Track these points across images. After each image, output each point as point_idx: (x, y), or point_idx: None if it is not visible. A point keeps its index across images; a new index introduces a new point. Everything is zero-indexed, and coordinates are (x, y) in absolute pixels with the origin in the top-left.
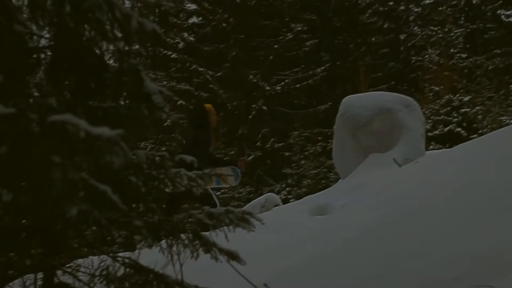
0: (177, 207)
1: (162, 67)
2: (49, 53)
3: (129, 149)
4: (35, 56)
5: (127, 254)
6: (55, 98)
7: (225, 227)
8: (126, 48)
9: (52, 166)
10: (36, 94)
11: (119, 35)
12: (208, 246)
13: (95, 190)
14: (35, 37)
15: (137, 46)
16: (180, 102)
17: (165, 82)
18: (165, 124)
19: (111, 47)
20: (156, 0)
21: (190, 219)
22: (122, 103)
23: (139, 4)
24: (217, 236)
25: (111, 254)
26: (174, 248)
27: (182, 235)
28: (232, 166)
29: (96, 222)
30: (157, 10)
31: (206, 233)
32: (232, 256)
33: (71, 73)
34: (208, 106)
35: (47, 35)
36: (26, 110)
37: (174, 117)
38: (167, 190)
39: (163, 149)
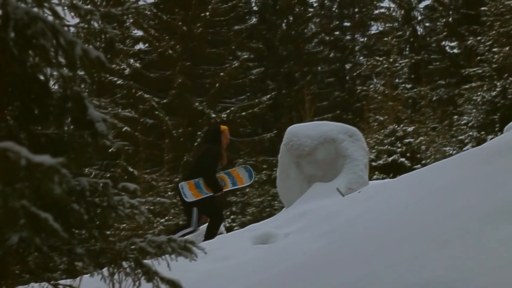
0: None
1: (107, 93)
2: None
3: (72, 176)
4: None
5: (68, 281)
6: None
7: (167, 256)
8: (71, 74)
9: None
10: None
11: (64, 61)
12: (150, 275)
13: (36, 218)
14: None
15: (82, 73)
16: (125, 128)
17: (110, 109)
18: (110, 150)
19: (55, 73)
20: (101, 27)
21: (133, 247)
22: (66, 130)
23: (84, 31)
24: (159, 265)
25: (52, 282)
26: (116, 276)
27: (124, 263)
28: (244, 165)
29: (38, 249)
30: (102, 37)
31: (148, 262)
32: (174, 285)
33: (14, 99)
34: (223, 127)
35: None
36: None
37: (118, 145)
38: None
39: (108, 175)
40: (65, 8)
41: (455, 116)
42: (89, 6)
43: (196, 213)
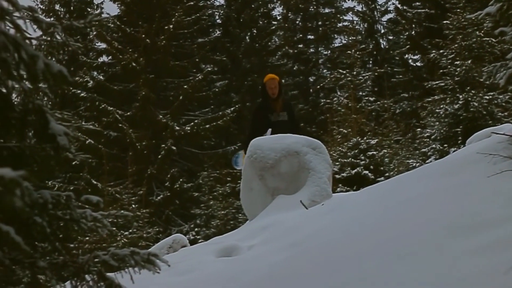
0: None
1: (71, 106)
2: None
3: (34, 189)
4: None
5: None
6: None
7: (130, 269)
8: (32, 88)
9: None
10: None
11: (25, 75)
12: None
13: None
14: None
15: (44, 85)
16: (88, 141)
17: (73, 122)
18: (73, 163)
19: (17, 86)
20: (64, 40)
21: (96, 260)
22: (28, 143)
23: (46, 44)
24: (122, 278)
25: None
26: None
27: (87, 276)
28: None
29: (0, 262)
30: (65, 49)
31: (112, 275)
32: None
33: None
34: (266, 78)
35: None
36: None
37: (82, 157)
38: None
39: (71, 188)
40: (27, 21)
41: (418, 129)
42: (51, 19)
43: None
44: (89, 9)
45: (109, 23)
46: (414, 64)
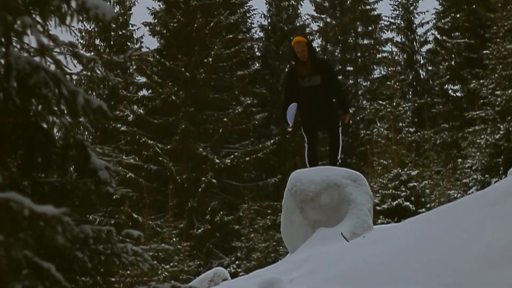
0: None
1: (111, 140)
2: None
3: (76, 224)
4: None
5: None
6: (0, 173)
7: None
8: (73, 122)
9: None
10: None
11: (66, 110)
12: None
13: (39, 268)
14: None
15: (84, 120)
16: (129, 175)
17: (114, 155)
18: (114, 197)
19: (58, 121)
20: (104, 75)
21: None
22: (69, 177)
23: (86, 79)
24: None
25: None
26: None
27: None
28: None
29: None
30: (105, 84)
31: None
32: None
33: (17, 147)
34: (293, 40)
35: None
36: None
37: (122, 191)
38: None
39: (112, 222)
40: (68, 56)
41: (459, 159)
42: (91, 54)
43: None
44: (129, 43)
45: (148, 57)
46: (454, 95)
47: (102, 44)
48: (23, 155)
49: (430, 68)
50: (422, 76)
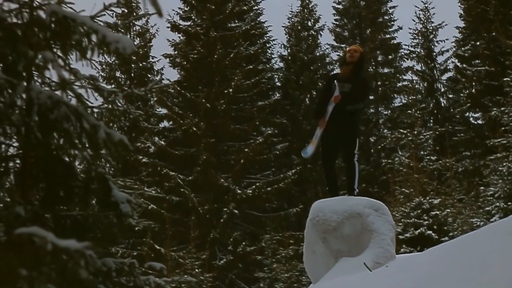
0: None
1: (133, 172)
2: (17, 162)
3: (98, 257)
4: (3, 164)
5: None
6: (22, 207)
7: None
8: (94, 155)
9: (19, 278)
10: (7, 199)
11: (87, 144)
12: None
13: None
14: (3, 146)
15: (105, 152)
16: (151, 207)
17: (136, 187)
18: (136, 229)
19: (79, 154)
20: (125, 108)
21: None
22: (91, 211)
23: (107, 112)
24: None
25: None
26: None
27: None
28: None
29: None
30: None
31: None
32: None
33: (39, 181)
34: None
35: (16, 144)
36: None
37: (144, 224)
38: None
39: (134, 253)
40: (89, 89)
41: (481, 187)
42: (112, 86)
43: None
44: (149, 75)
45: (169, 88)
46: (476, 122)
47: (123, 76)
48: (45, 189)
49: (450, 96)
50: (442, 104)
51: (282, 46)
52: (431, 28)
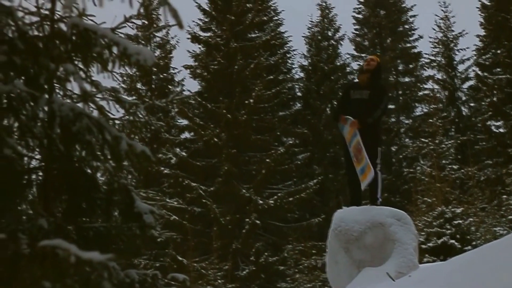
0: None
1: (155, 183)
2: (40, 174)
3: (121, 269)
4: (26, 177)
5: None
6: (45, 219)
7: None
8: (116, 167)
9: None
10: (29, 211)
11: (109, 156)
12: None
13: None
14: (26, 159)
15: (127, 163)
16: (173, 218)
17: (158, 198)
18: (158, 240)
19: (101, 166)
20: (146, 119)
21: None
22: (114, 222)
23: (129, 123)
24: None
25: None
26: None
27: None
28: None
29: None
30: (148, 128)
31: None
32: None
33: (62, 193)
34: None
35: (38, 156)
36: (17, 232)
37: (167, 235)
38: None
39: (157, 265)
40: (110, 101)
41: (504, 196)
42: (133, 98)
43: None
44: (170, 86)
45: (190, 99)
46: (497, 131)
47: (144, 88)
48: (67, 201)
49: (472, 104)
50: (464, 113)
51: (303, 56)
52: (451, 36)
